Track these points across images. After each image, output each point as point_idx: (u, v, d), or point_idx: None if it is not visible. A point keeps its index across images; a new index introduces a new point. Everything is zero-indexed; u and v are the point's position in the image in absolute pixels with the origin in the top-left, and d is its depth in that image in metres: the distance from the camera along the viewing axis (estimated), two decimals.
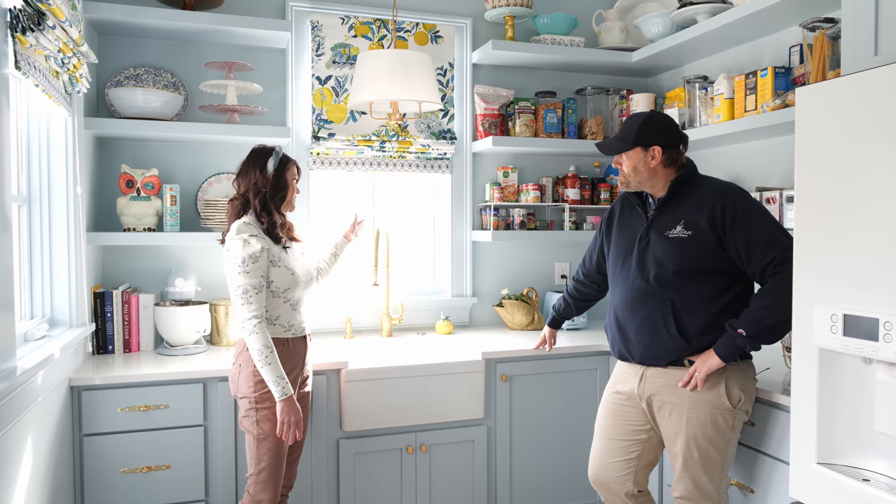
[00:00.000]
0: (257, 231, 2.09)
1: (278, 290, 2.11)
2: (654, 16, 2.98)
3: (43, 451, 1.90)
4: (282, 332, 2.13)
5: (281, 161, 2.17)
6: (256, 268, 2.04)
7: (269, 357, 2.01)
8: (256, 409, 2.07)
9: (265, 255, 2.07)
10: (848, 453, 1.57)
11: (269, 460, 2.06)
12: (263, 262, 2.06)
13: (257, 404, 2.07)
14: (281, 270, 2.12)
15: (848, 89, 1.51)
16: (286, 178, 2.18)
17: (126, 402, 2.26)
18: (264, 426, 2.06)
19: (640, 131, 2.05)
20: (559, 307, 2.57)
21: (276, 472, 2.08)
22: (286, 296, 2.13)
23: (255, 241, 2.06)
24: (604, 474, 2.18)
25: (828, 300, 1.55)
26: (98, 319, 2.58)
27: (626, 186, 2.13)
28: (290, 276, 2.13)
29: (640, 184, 2.09)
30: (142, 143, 2.79)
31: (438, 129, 3.16)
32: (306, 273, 2.24)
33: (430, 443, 2.59)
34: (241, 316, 2.04)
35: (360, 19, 3.03)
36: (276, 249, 2.12)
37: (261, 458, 2.06)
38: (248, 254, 2.03)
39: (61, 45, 1.82)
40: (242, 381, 2.09)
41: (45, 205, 2.25)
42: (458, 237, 3.24)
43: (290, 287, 2.14)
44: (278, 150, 2.18)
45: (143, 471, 2.27)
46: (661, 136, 2.07)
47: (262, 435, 2.06)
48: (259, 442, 2.06)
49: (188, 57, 2.84)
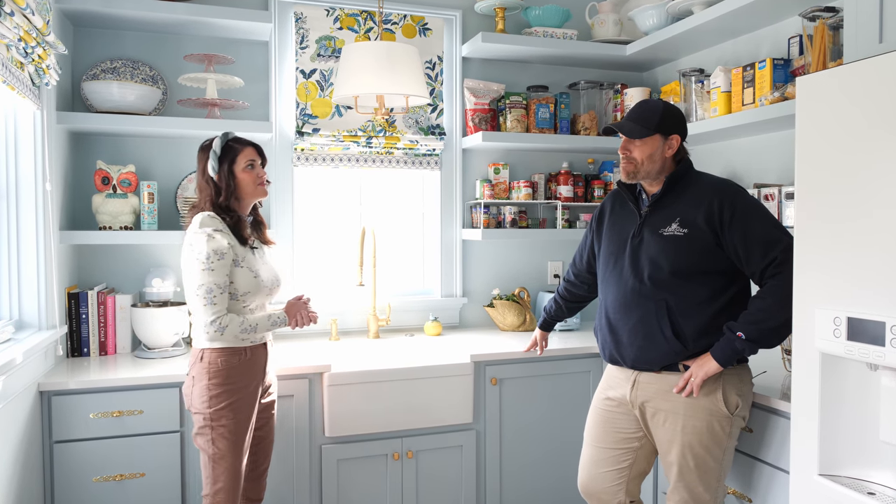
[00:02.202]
0: (222, 226, 1.96)
1: (237, 293, 1.97)
2: (649, 8, 2.89)
3: (7, 459, 1.81)
4: (239, 342, 1.98)
5: (224, 154, 2.00)
6: (222, 265, 1.91)
7: (251, 332, 1.95)
8: (212, 427, 1.92)
9: (231, 253, 1.94)
10: (852, 464, 1.48)
11: (225, 480, 1.92)
12: (229, 261, 1.93)
13: (212, 421, 1.92)
14: (243, 272, 1.97)
15: (851, 78, 1.43)
16: (234, 171, 2.00)
17: (99, 408, 2.17)
18: (220, 445, 1.92)
19: (661, 118, 1.95)
20: (550, 309, 2.49)
21: (233, 492, 1.93)
22: (245, 300, 1.99)
23: (220, 236, 1.93)
24: (594, 484, 2.10)
25: (830, 302, 1.47)
26: (73, 321, 2.49)
27: (634, 177, 1.99)
28: (252, 279, 1.99)
29: (648, 174, 1.98)
30: (118, 139, 2.70)
31: (427, 124, 3.07)
32: (272, 279, 2.09)
33: (416, 448, 2.50)
34: (203, 319, 1.91)
35: (345, 11, 2.94)
36: (240, 249, 1.98)
37: (217, 479, 1.92)
38: (212, 249, 1.90)
39: (22, 33, 1.73)
40: (196, 395, 1.95)
41: (13, 202, 2.15)
42: (448, 236, 3.16)
43: (252, 292, 2.00)
44: (217, 143, 2.00)
45: (117, 479, 2.19)
46: (680, 126, 1.99)
47: (217, 454, 1.92)
48: (215, 462, 1.92)
49: (167, 49, 2.74)
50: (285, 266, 2.90)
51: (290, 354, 2.56)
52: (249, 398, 1.98)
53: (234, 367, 1.95)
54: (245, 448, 1.98)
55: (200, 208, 2.01)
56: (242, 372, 1.96)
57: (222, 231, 1.94)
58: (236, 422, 1.93)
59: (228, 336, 1.92)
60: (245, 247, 2.01)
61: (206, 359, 1.95)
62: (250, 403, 1.99)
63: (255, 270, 2.01)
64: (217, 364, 1.94)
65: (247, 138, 2.09)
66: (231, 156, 2.01)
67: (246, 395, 1.97)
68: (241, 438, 1.95)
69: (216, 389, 1.93)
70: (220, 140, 2.01)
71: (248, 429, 1.98)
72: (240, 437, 1.95)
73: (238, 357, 1.96)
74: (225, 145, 2.02)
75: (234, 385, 1.94)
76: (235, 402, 1.94)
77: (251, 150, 2.05)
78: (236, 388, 1.95)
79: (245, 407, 1.97)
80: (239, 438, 1.94)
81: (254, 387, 2.01)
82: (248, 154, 2.03)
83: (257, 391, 2.03)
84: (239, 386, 1.95)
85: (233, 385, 1.94)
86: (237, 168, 2.01)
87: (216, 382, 1.93)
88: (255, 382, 2.02)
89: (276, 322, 2.04)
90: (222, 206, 1.99)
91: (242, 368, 1.97)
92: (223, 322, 1.91)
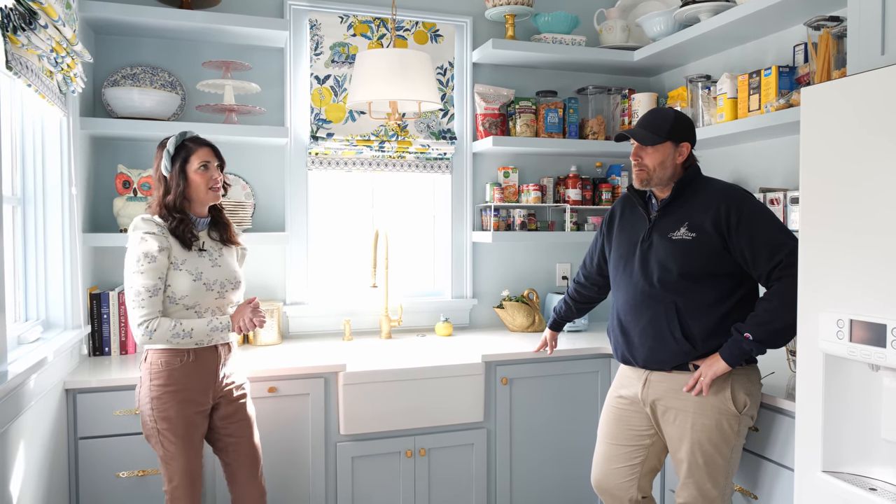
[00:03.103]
0: (159, 229, 1.92)
1: (174, 296, 1.92)
2: (656, 14, 2.94)
3: (36, 455, 1.87)
4: (174, 345, 1.92)
5: (177, 153, 1.95)
6: (152, 268, 1.88)
7: (185, 336, 1.88)
8: (157, 430, 1.91)
9: (164, 256, 1.90)
10: (854, 461, 1.53)
11: (179, 479, 1.92)
12: (162, 264, 1.90)
13: (156, 423, 1.91)
14: (181, 275, 1.92)
15: (854, 90, 1.48)
16: (187, 171, 1.96)
17: (122, 405, 2.23)
18: (168, 447, 1.91)
19: (673, 126, 2.01)
20: (560, 309, 2.55)
21: (188, 488, 1.93)
22: (186, 303, 1.94)
23: (151, 238, 1.89)
24: (607, 480, 2.15)
25: (834, 305, 1.52)
26: (94, 321, 2.56)
27: (647, 183, 2.05)
28: (190, 282, 1.93)
29: (661, 180, 2.03)
30: (138, 143, 2.76)
31: (438, 128, 3.13)
32: (223, 281, 2.01)
33: (429, 446, 2.56)
34: (132, 321, 1.88)
35: (359, 18, 3.00)
36: (180, 252, 1.94)
37: (171, 478, 1.93)
38: (142, 252, 1.88)
39: (54, 44, 1.80)
40: (142, 396, 1.94)
41: (40, 206, 2.22)
42: (458, 238, 3.21)
43: (191, 295, 1.94)
44: (171, 142, 1.96)
45: (139, 474, 2.25)
46: (690, 134, 2.05)
47: (167, 455, 1.92)
48: (166, 463, 1.92)
49: (185, 56, 2.81)
50: (297, 265, 2.96)
51: (305, 354, 2.62)
52: (196, 401, 1.95)
53: (176, 369, 1.92)
54: (199, 447, 1.97)
55: (151, 206, 2.00)
56: (186, 374, 1.93)
57: (155, 234, 1.90)
58: (181, 424, 1.92)
59: (158, 339, 1.88)
60: (189, 249, 1.96)
61: (149, 359, 1.95)
62: (197, 407, 1.96)
63: (196, 273, 1.95)
64: (158, 365, 1.92)
65: (205, 139, 2.04)
66: (184, 155, 1.96)
67: (190, 398, 1.94)
68: (192, 438, 1.94)
69: (157, 391, 1.91)
70: (176, 139, 1.97)
71: (197, 431, 1.96)
72: (188, 439, 1.93)
73: (179, 359, 1.93)
74: (181, 144, 1.97)
75: (175, 387, 1.92)
76: (178, 404, 1.92)
77: (206, 151, 1.99)
78: (178, 389, 1.92)
79: (191, 409, 1.94)
80: (187, 440, 1.93)
81: (201, 389, 1.97)
82: (203, 155, 1.98)
83: (206, 394, 1.99)
84: (181, 388, 1.93)
85: (174, 387, 1.92)
86: (189, 168, 1.96)
87: (157, 384, 1.92)
88: (204, 385, 1.98)
89: (217, 327, 1.95)
90: (170, 205, 1.95)
91: (186, 371, 1.93)
92: (151, 326, 1.87)
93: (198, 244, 2.00)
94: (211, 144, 2.03)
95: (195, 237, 1.99)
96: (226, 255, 2.08)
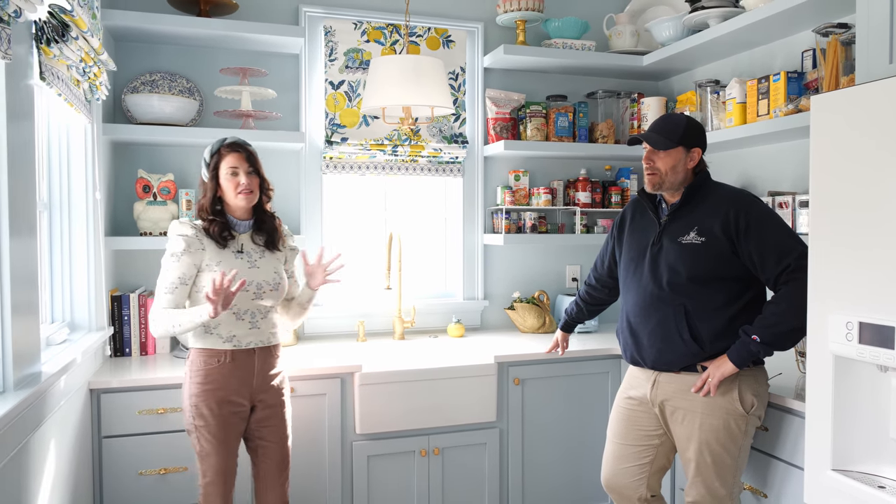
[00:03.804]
0: (193, 232, 1.99)
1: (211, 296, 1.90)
2: (665, 20, 2.98)
3: (65, 453, 1.93)
4: (220, 343, 1.99)
5: (211, 159, 2.04)
6: (174, 267, 1.97)
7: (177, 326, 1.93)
8: (195, 427, 1.99)
9: (188, 257, 1.98)
10: (863, 460, 1.58)
11: (213, 475, 1.99)
12: (185, 264, 1.97)
13: (195, 420, 1.99)
14: (215, 275, 1.91)
15: (862, 99, 1.52)
16: (218, 176, 2.03)
17: (144, 405, 2.29)
18: (203, 444, 1.98)
19: (685, 131, 2.04)
20: (571, 311, 2.59)
21: (221, 485, 2.00)
22: None
23: (181, 240, 1.98)
24: (617, 479, 2.20)
25: (843, 308, 1.56)
26: (115, 323, 2.62)
27: (659, 188, 2.08)
28: None
29: (672, 184, 2.07)
30: (158, 149, 2.82)
31: (450, 132, 3.18)
32: (262, 282, 2.06)
33: (443, 445, 2.61)
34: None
35: (372, 24, 3.05)
36: (215, 253, 2.01)
37: (204, 474, 2.01)
38: (170, 251, 1.99)
39: (83, 54, 1.85)
40: (184, 393, 2.03)
41: (66, 210, 2.28)
42: (470, 240, 3.26)
43: None
44: (207, 151, 2.04)
45: (161, 472, 2.30)
46: (701, 139, 2.09)
47: (203, 452, 1.99)
48: (202, 459, 2.00)
49: (203, 63, 2.87)
50: None
51: (321, 355, 2.67)
52: (232, 401, 2.00)
53: (214, 369, 1.99)
54: (234, 447, 2.03)
55: (195, 209, 2.09)
56: (223, 374, 1.99)
57: (186, 236, 1.99)
58: (217, 423, 1.97)
59: (158, 330, 1.96)
60: (224, 249, 2.03)
61: (191, 358, 2.03)
62: (235, 408, 2.01)
63: (230, 273, 1.94)
64: (198, 364, 2.00)
65: (241, 144, 2.06)
66: (216, 161, 2.03)
67: (227, 398, 1.99)
68: (226, 438, 1.99)
69: (196, 389, 1.98)
70: (213, 145, 2.05)
71: (233, 430, 2.01)
72: (225, 438, 1.99)
73: (217, 359, 1.99)
74: (216, 150, 2.04)
75: (212, 386, 1.98)
76: (215, 403, 1.98)
77: (235, 156, 2.03)
78: (214, 388, 1.98)
79: (227, 410, 1.99)
80: (224, 438, 1.99)
81: (237, 390, 2.01)
82: (231, 161, 2.02)
83: (243, 395, 2.03)
84: (217, 387, 1.98)
85: (211, 386, 1.98)
86: (220, 173, 2.03)
87: (196, 382, 1.99)
88: (240, 386, 2.02)
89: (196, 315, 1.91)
90: (205, 208, 2.04)
91: (223, 371, 1.99)
92: (153, 316, 1.97)
93: (234, 245, 2.06)
94: (243, 150, 2.05)
95: (230, 236, 2.05)
96: (268, 258, 2.11)
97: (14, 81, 1.52)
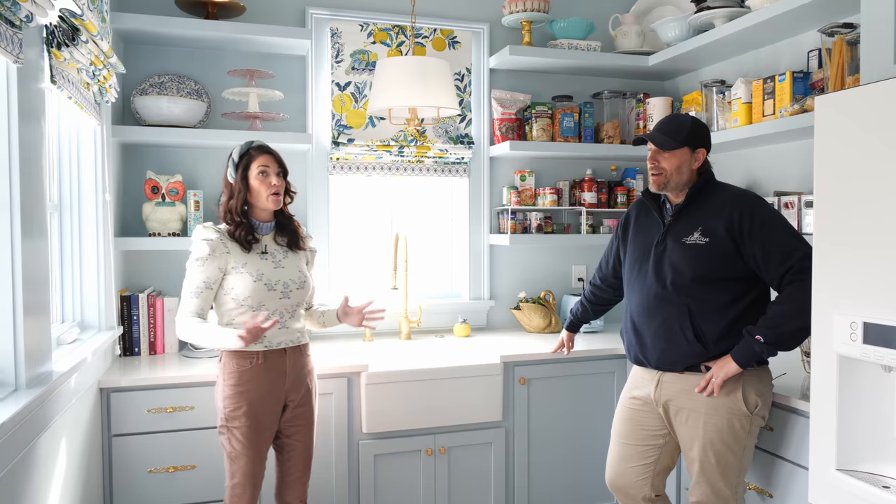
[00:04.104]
0: (217, 236, 2.02)
1: (238, 298, 2.02)
2: (671, 20, 2.99)
3: (75, 450, 1.96)
4: (251, 345, 1.99)
5: (241, 160, 2.05)
6: (200, 271, 2.00)
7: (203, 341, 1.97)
8: (228, 428, 2.01)
9: (213, 262, 2.00)
10: (868, 460, 1.58)
11: (241, 477, 2.01)
12: (210, 268, 2.00)
13: (228, 422, 2.01)
14: (241, 277, 2.01)
15: (866, 99, 1.53)
16: (248, 177, 2.05)
17: (153, 404, 2.31)
18: (235, 445, 2.00)
19: (690, 132, 2.05)
20: (576, 311, 2.60)
21: (248, 487, 2.02)
22: (250, 304, 2.02)
23: (205, 244, 2.01)
24: (621, 479, 2.20)
25: (847, 308, 1.57)
26: (125, 322, 2.64)
27: (664, 188, 2.09)
28: (251, 283, 2.01)
29: (677, 185, 2.08)
30: (166, 150, 2.85)
31: (456, 133, 3.19)
32: (287, 282, 2.09)
33: (448, 445, 2.62)
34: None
35: (378, 26, 3.07)
36: (239, 255, 2.03)
37: (233, 475, 2.02)
38: (195, 256, 2.02)
39: (93, 57, 1.88)
40: (217, 393, 2.05)
41: (76, 212, 2.30)
42: (476, 240, 3.28)
43: (253, 295, 2.01)
44: (236, 151, 2.06)
45: (170, 471, 2.33)
46: (706, 141, 2.10)
47: (234, 453, 2.01)
48: (231, 459, 2.02)
49: (211, 65, 2.89)
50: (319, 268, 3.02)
51: (328, 355, 2.69)
52: (266, 403, 2.03)
53: (246, 371, 2.01)
54: (264, 450, 2.05)
55: (219, 211, 2.12)
56: (255, 376, 2.01)
57: (210, 240, 2.02)
58: (250, 426, 2.00)
59: (184, 337, 2.00)
60: (248, 252, 2.05)
61: (224, 360, 2.05)
62: (268, 409, 2.03)
63: (257, 274, 2.03)
64: (230, 366, 2.02)
65: (269, 147, 2.10)
66: (246, 162, 2.05)
67: (260, 400, 2.02)
68: (257, 441, 2.02)
69: (230, 391, 2.01)
70: (241, 147, 2.07)
71: (263, 433, 2.04)
72: (256, 440, 2.02)
73: (249, 361, 2.01)
74: (245, 152, 2.06)
75: (245, 387, 2.00)
76: (248, 405, 2.00)
77: (266, 157, 2.06)
78: (247, 390, 2.00)
79: (260, 411, 2.02)
80: (255, 441, 2.01)
81: (270, 392, 2.04)
82: (262, 161, 2.05)
83: (275, 397, 2.05)
84: (251, 388, 2.01)
85: (244, 387, 2.00)
86: (250, 174, 2.05)
87: (229, 384, 2.01)
88: (272, 388, 2.04)
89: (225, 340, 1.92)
90: (232, 209, 2.05)
91: (255, 373, 2.01)
92: (179, 319, 2.01)
93: (259, 247, 2.08)
94: (272, 152, 2.10)
95: (255, 239, 2.08)
96: (291, 258, 2.14)
97: (25, 85, 1.55)
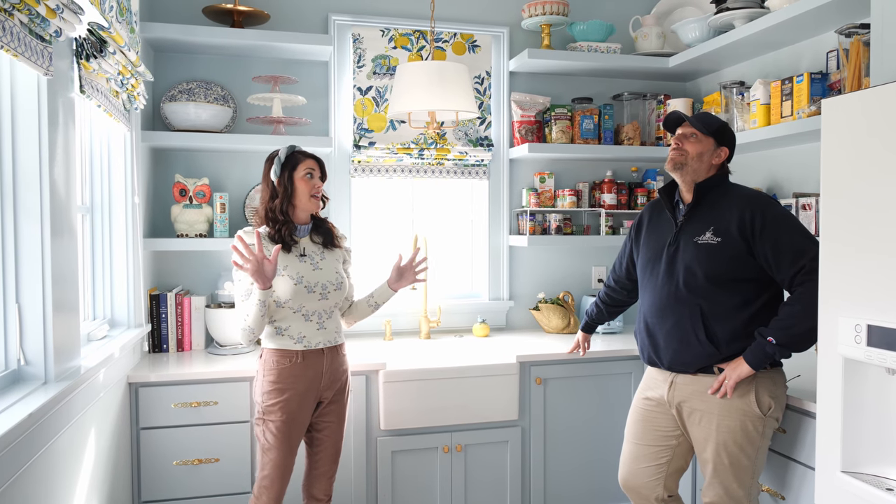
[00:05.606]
0: (254, 240, 2.04)
1: (279, 300, 2.08)
2: (691, 21, 2.98)
3: (104, 443, 2.06)
4: (291, 345, 2.09)
5: (287, 162, 2.12)
6: (246, 275, 2.03)
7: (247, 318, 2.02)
8: (263, 420, 2.08)
9: None
10: (872, 462, 1.57)
11: (270, 470, 2.08)
12: None
13: (264, 415, 2.08)
14: (282, 280, 2.07)
15: (874, 101, 1.52)
16: (294, 177, 2.12)
17: (179, 399, 2.40)
18: (269, 438, 2.07)
19: (721, 127, 2.11)
20: (592, 312, 2.62)
21: (277, 479, 2.09)
22: (291, 306, 2.09)
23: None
24: (634, 479, 2.22)
25: (852, 310, 1.56)
26: (153, 320, 2.75)
27: (680, 167, 2.10)
28: (291, 286, 2.07)
29: (695, 171, 2.10)
30: (194, 154, 2.95)
31: (476, 136, 3.23)
32: (324, 283, 2.14)
33: (465, 443, 2.67)
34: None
35: (399, 31, 3.13)
36: (281, 258, 2.10)
37: (263, 467, 2.09)
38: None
39: (121, 67, 1.97)
40: (257, 387, 2.13)
41: (106, 214, 2.41)
42: (496, 242, 3.31)
43: (294, 298, 2.08)
44: (283, 152, 2.13)
45: (195, 463, 2.42)
46: (731, 142, 2.14)
47: (266, 446, 2.08)
48: (263, 451, 2.09)
49: (237, 71, 2.99)
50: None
51: (347, 353, 2.74)
52: (302, 400, 2.09)
53: (286, 368, 2.08)
54: (295, 445, 2.11)
55: (258, 213, 2.18)
56: (294, 374, 2.08)
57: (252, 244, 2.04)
58: (285, 420, 2.07)
59: (239, 333, 2.07)
60: (288, 254, 2.12)
61: (264, 356, 2.13)
62: (303, 405, 2.10)
63: (297, 277, 2.09)
64: (271, 363, 2.10)
65: (312, 153, 2.21)
66: (293, 163, 2.13)
67: (297, 397, 2.08)
68: (290, 436, 2.08)
69: (269, 386, 2.08)
70: (287, 149, 2.15)
71: (297, 429, 2.10)
72: (289, 435, 2.08)
73: (289, 359, 2.09)
74: (290, 154, 2.15)
75: (284, 384, 2.07)
76: (285, 401, 2.07)
77: (312, 161, 2.17)
78: (286, 387, 2.07)
79: (296, 408, 2.08)
80: (288, 436, 2.08)
81: (307, 390, 2.11)
82: (309, 164, 2.15)
83: (311, 395, 2.13)
84: (288, 385, 2.08)
85: (283, 384, 2.07)
86: (296, 175, 2.12)
87: (270, 380, 2.08)
88: (310, 386, 2.11)
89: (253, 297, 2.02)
90: (276, 210, 2.11)
91: (294, 370, 2.08)
92: (235, 326, 2.09)
93: (297, 249, 2.15)
94: (318, 158, 2.20)
95: (294, 241, 2.14)
96: (328, 259, 2.20)
97: (55, 95, 1.64)
